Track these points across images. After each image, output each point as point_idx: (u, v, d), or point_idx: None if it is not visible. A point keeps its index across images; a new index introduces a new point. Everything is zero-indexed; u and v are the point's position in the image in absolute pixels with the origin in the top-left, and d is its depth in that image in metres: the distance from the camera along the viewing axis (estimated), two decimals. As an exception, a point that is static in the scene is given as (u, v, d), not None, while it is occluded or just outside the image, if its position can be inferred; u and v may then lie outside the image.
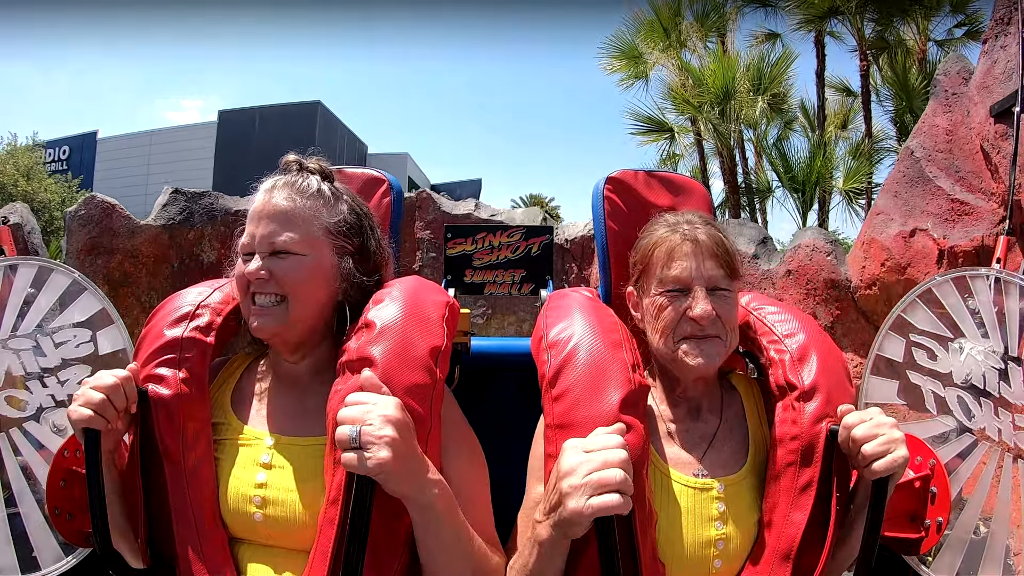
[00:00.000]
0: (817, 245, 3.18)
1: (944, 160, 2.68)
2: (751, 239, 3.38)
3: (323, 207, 1.16)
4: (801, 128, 10.42)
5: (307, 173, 1.19)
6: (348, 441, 0.91)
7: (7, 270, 1.66)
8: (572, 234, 3.59)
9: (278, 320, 1.12)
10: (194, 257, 3.38)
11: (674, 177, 1.45)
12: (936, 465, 1.35)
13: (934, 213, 2.71)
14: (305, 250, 1.12)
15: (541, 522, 0.97)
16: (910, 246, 2.79)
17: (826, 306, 3.11)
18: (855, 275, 3.03)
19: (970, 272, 1.56)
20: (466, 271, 2.18)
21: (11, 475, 1.58)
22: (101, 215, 3.25)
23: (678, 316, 1.13)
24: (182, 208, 3.38)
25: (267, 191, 1.15)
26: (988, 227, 2.57)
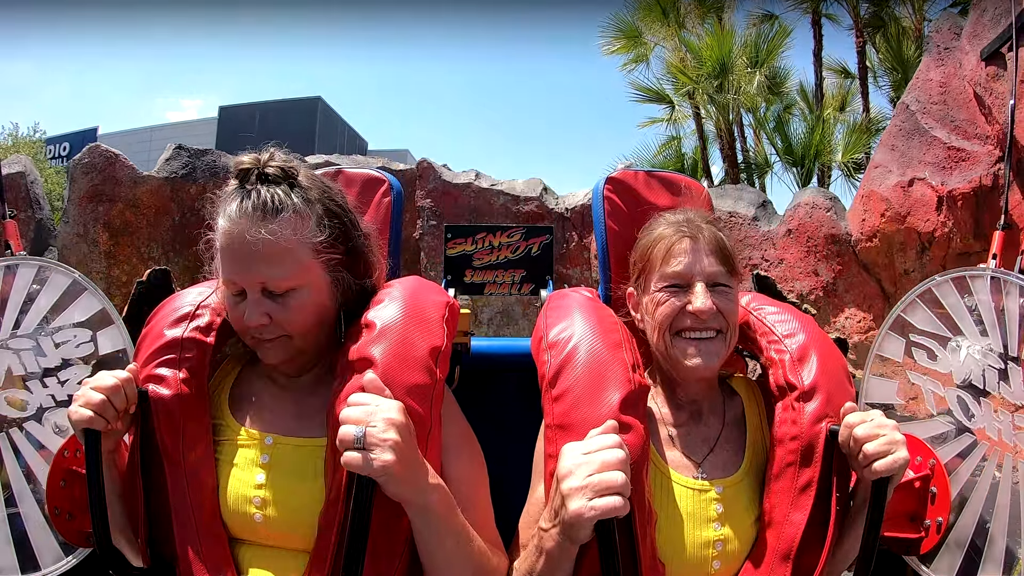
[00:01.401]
0: (816, 202, 3.18)
1: (939, 111, 2.72)
2: (751, 202, 3.39)
3: (303, 225, 1.07)
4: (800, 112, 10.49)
5: (270, 184, 1.07)
6: (352, 441, 0.91)
7: (7, 270, 1.66)
8: (572, 203, 3.60)
9: (286, 352, 1.11)
10: (195, 212, 3.40)
11: (674, 177, 1.45)
12: (936, 465, 1.35)
13: (931, 162, 2.74)
14: (299, 282, 1.07)
15: (547, 530, 0.96)
16: (909, 195, 2.81)
17: (827, 262, 3.12)
18: (855, 229, 3.04)
19: (970, 272, 1.56)
20: (466, 271, 2.18)
21: (11, 475, 1.58)
22: (104, 164, 3.27)
23: (676, 309, 1.13)
24: (185, 163, 3.40)
25: (234, 220, 1.05)
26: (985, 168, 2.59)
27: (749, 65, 9.42)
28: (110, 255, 3.30)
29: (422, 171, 3.58)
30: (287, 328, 1.08)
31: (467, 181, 3.61)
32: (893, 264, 3.00)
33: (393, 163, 3.85)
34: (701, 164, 10.70)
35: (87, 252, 3.28)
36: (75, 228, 3.26)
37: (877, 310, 3.11)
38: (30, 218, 3.27)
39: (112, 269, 3.31)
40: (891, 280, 3.05)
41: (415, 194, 3.57)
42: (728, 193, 3.58)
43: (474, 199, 3.59)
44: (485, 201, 3.60)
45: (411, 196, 3.56)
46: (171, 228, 3.36)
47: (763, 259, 3.24)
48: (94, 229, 3.26)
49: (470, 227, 2.24)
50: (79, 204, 3.25)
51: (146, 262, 3.27)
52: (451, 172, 3.66)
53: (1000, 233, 1.69)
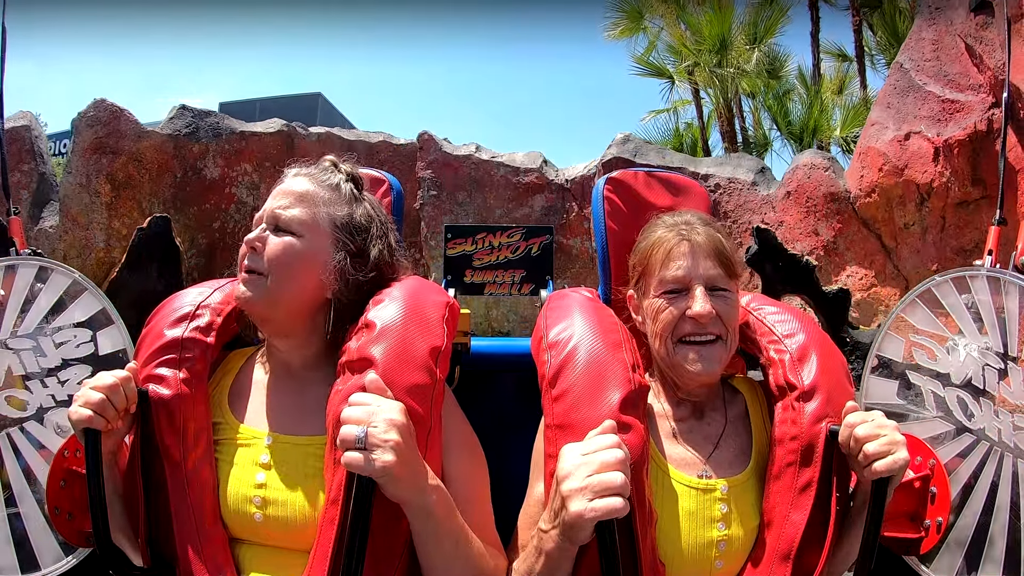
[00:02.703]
0: (815, 163, 3.21)
1: (932, 68, 2.77)
2: (750, 169, 3.42)
3: (336, 200, 1.19)
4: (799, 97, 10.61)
5: (336, 171, 1.23)
6: (353, 441, 0.90)
7: (7, 270, 1.66)
8: (572, 175, 3.63)
9: (257, 292, 1.11)
10: (197, 171, 3.42)
11: (673, 178, 1.45)
12: (936, 465, 1.35)
13: (926, 116, 2.78)
14: (303, 232, 1.14)
15: (547, 531, 0.96)
16: (906, 148, 2.85)
17: (827, 221, 3.14)
18: (853, 186, 3.06)
19: (970, 272, 1.56)
20: (466, 271, 2.18)
21: (11, 475, 1.58)
22: (109, 117, 3.31)
23: (677, 316, 1.13)
24: (188, 123, 3.44)
25: (292, 175, 1.21)
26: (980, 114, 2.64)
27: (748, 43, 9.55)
28: (111, 207, 3.32)
29: (423, 143, 3.61)
30: (268, 261, 1.12)
31: (467, 153, 3.64)
32: (893, 218, 3.02)
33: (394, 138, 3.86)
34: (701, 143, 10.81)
35: (88, 202, 3.29)
36: (78, 178, 3.29)
37: (878, 266, 3.11)
38: (33, 170, 3.30)
39: (112, 221, 3.33)
40: (891, 235, 3.06)
41: (415, 166, 3.59)
42: (727, 161, 3.62)
43: (474, 170, 3.62)
44: (485, 173, 3.62)
45: (411, 168, 3.59)
46: (173, 186, 3.39)
47: (763, 223, 3.27)
48: (96, 180, 3.29)
49: (470, 227, 2.24)
50: (83, 155, 3.28)
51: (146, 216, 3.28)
52: (451, 145, 3.69)
53: (996, 229, 1.69)
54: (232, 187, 3.52)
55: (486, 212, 3.62)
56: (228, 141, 3.44)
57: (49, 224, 3.27)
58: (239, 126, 3.52)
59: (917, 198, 2.90)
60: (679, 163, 3.58)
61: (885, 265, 3.10)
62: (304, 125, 3.72)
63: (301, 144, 3.66)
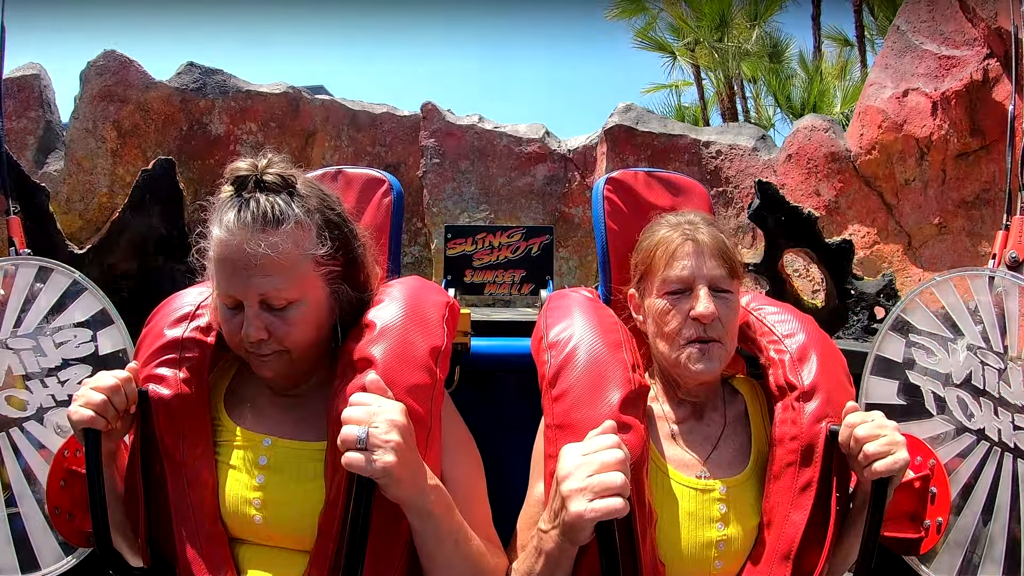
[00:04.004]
0: (815, 124, 3.25)
1: (928, 28, 2.84)
2: (751, 136, 3.48)
3: (303, 236, 1.04)
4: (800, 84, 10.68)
5: (269, 193, 1.03)
6: (355, 442, 0.90)
7: (7, 270, 1.65)
8: (574, 145, 3.67)
9: (282, 366, 1.09)
10: (203, 126, 3.47)
11: (674, 177, 1.45)
12: (936, 465, 1.35)
13: (924, 73, 2.84)
14: (300, 295, 1.04)
15: (547, 531, 0.96)
16: (904, 105, 2.91)
17: (828, 181, 3.18)
18: (854, 144, 3.10)
19: (970, 272, 1.56)
20: (466, 271, 2.18)
21: (11, 475, 1.58)
22: (118, 67, 3.39)
23: (683, 320, 1.13)
24: (196, 79, 3.52)
25: (232, 231, 1.00)
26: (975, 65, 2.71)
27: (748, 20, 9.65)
28: (116, 153, 3.37)
29: (426, 113, 3.65)
30: (285, 343, 1.05)
31: (470, 123, 3.66)
32: (893, 175, 3.06)
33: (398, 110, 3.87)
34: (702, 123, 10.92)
35: (94, 148, 3.34)
36: (84, 123, 3.34)
37: (880, 223, 3.14)
38: (40, 117, 3.36)
39: (117, 167, 3.37)
40: (892, 192, 3.10)
41: (418, 136, 3.62)
42: (728, 129, 3.68)
43: (477, 140, 3.66)
44: (488, 142, 3.66)
45: (414, 140, 3.63)
46: (178, 138, 3.43)
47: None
48: (103, 126, 3.34)
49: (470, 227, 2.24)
50: (90, 102, 3.36)
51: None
52: (454, 116, 3.71)
53: (1003, 233, 1.68)
54: (237, 144, 3.57)
55: (488, 181, 3.64)
56: (234, 99, 3.53)
57: (54, 168, 3.29)
58: (245, 85, 3.57)
59: (917, 153, 2.93)
60: (681, 131, 3.60)
61: (887, 222, 3.13)
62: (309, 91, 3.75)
63: (305, 108, 3.69)
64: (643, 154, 3.53)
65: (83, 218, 3.30)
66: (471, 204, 3.63)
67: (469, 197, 3.65)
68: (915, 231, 3.05)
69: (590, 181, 3.60)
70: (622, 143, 3.51)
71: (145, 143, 3.37)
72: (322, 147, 3.73)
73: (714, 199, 3.54)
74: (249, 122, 3.57)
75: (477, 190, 3.64)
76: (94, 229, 2.61)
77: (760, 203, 2.51)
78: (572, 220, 3.63)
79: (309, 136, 3.71)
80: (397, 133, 3.83)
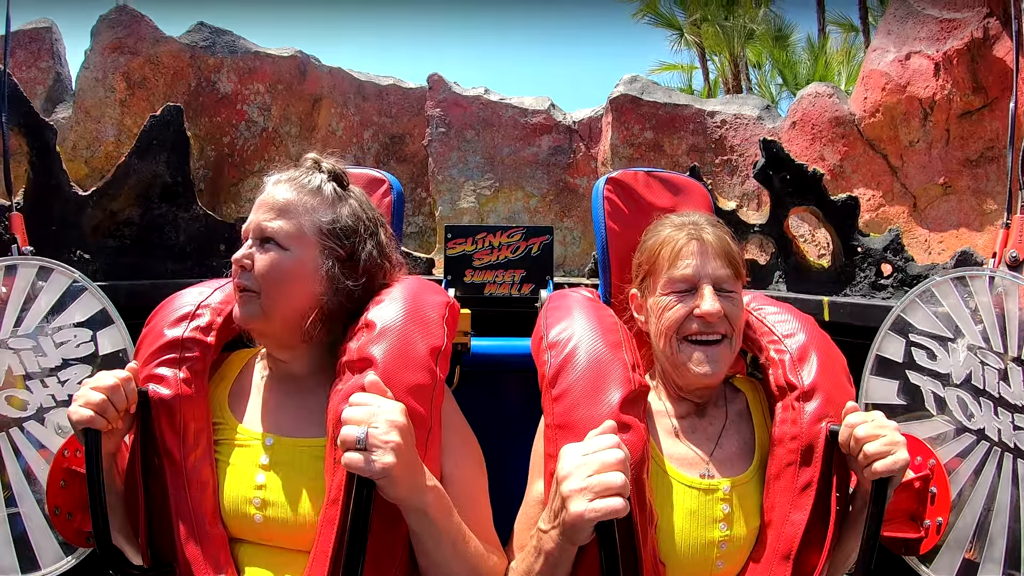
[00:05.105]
0: (819, 91, 3.26)
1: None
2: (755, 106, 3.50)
3: (320, 205, 1.16)
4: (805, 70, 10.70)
5: (317, 171, 1.20)
6: (354, 442, 0.90)
7: (7, 270, 1.66)
8: (579, 117, 3.69)
9: (252, 309, 1.12)
10: (211, 84, 3.48)
11: (673, 177, 1.45)
12: (936, 465, 1.35)
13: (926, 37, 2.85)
14: (289, 244, 1.12)
15: (547, 531, 0.96)
16: (907, 67, 2.91)
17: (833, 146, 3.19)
18: (858, 108, 3.11)
19: (970, 272, 1.56)
20: (466, 271, 2.18)
21: (11, 475, 1.58)
22: (130, 20, 3.37)
23: (684, 314, 1.13)
24: (206, 37, 3.52)
25: (273, 183, 1.18)
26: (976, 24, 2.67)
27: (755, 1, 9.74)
28: (124, 104, 3.37)
29: (432, 84, 3.67)
30: (258, 278, 1.11)
31: (476, 94, 3.68)
32: (898, 137, 3.06)
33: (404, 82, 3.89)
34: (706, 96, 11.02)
35: (103, 97, 3.35)
36: (94, 73, 3.36)
37: (886, 186, 3.13)
38: (50, 68, 3.38)
39: (125, 118, 3.37)
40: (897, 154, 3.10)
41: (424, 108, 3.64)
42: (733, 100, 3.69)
43: (483, 111, 3.67)
44: (494, 113, 3.68)
45: (420, 112, 3.65)
46: (186, 93, 3.44)
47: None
48: (112, 76, 3.35)
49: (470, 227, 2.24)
50: (101, 53, 3.34)
51: (157, 120, 3.34)
52: (460, 87, 3.73)
53: (1003, 232, 1.67)
54: (244, 104, 3.57)
55: (493, 151, 3.65)
56: (243, 59, 3.52)
57: (62, 116, 3.30)
58: (254, 47, 3.58)
59: (920, 113, 2.93)
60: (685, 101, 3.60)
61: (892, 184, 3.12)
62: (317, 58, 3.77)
63: (313, 73, 3.69)
64: (648, 124, 3.51)
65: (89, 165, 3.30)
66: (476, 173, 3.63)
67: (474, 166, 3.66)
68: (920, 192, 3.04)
69: (595, 152, 3.60)
70: (627, 113, 3.50)
71: (154, 96, 3.38)
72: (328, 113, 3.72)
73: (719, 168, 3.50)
74: (257, 83, 3.58)
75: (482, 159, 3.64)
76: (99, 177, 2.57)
77: (765, 162, 2.47)
78: (577, 190, 3.64)
79: (316, 101, 3.71)
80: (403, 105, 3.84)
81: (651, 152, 3.52)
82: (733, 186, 3.50)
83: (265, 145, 3.63)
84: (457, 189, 3.64)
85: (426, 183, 3.74)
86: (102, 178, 2.36)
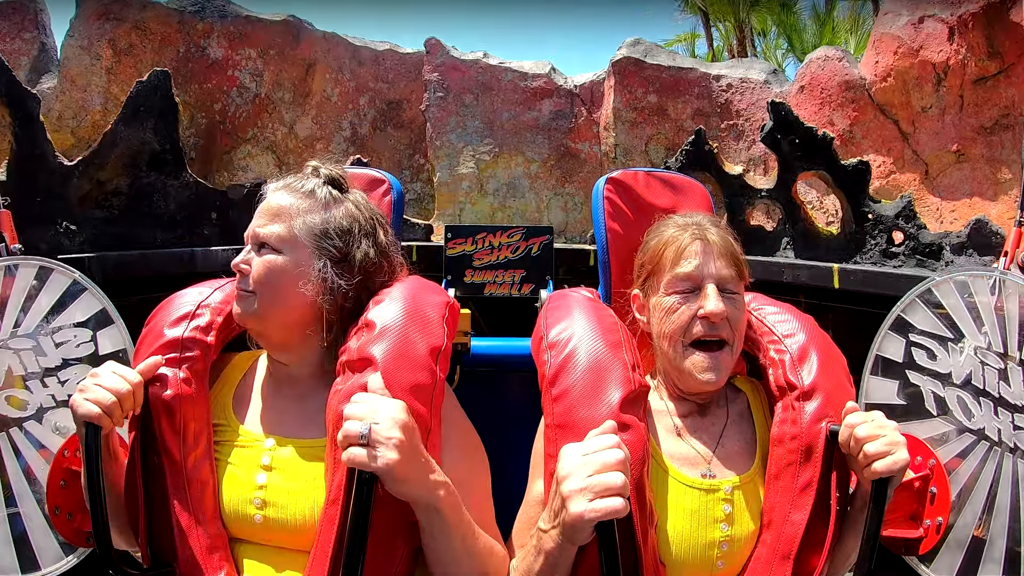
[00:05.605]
0: (828, 54, 3.14)
1: None
2: (762, 70, 3.40)
3: (312, 207, 1.17)
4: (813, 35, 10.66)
5: (314, 176, 1.22)
6: (357, 437, 0.90)
7: (7, 270, 1.66)
8: (580, 81, 3.62)
9: (248, 308, 1.13)
10: (201, 50, 3.40)
11: (673, 177, 1.45)
12: (936, 465, 1.35)
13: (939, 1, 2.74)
14: (282, 246, 1.14)
15: (547, 531, 0.96)
16: (920, 31, 2.81)
17: (842, 110, 3.07)
18: (868, 72, 3.00)
19: (970, 272, 1.56)
20: (466, 271, 2.18)
21: (11, 475, 1.58)
22: None
23: (689, 317, 1.13)
24: (195, 2, 3.44)
25: (272, 191, 1.20)
26: None
27: None
28: (111, 71, 3.28)
29: (430, 48, 3.60)
30: (253, 281, 1.12)
31: (475, 59, 3.62)
32: (910, 102, 2.97)
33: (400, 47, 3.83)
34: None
35: (89, 65, 3.26)
36: (79, 41, 3.27)
37: (896, 153, 3.04)
38: (35, 38, 3.30)
39: (111, 86, 3.28)
40: (908, 120, 3.01)
41: (421, 73, 3.58)
42: (739, 63, 3.58)
43: (481, 75, 3.60)
44: (493, 77, 3.60)
45: (417, 78, 3.58)
46: (175, 60, 3.37)
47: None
48: (99, 44, 3.26)
49: (470, 227, 2.24)
50: (87, 20, 3.27)
51: (144, 87, 3.27)
52: (459, 51, 3.67)
53: (1017, 230, 1.66)
54: (235, 70, 3.48)
55: (493, 115, 3.57)
56: (234, 24, 3.44)
57: (47, 86, 3.21)
58: (244, 11, 3.51)
59: (934, 78, 2.84)
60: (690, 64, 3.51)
61: (903, 151, 3.03)
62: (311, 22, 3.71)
63: (307, 37, 3.60)
64: (652, 87, 3.39)
65: (75, 135, 3.21)
66: (475, 138, 3.57)
67: (473, 131, 3.59)
68: (932, 159, 2.94)
69: (597, 116, 3.52)
70: (630, 76, 3.39)
71: (141, 63, 3.27)
72: (323, 79, 3.64)
73: (724, 132, 3.40)
74: (248, 48, 3.48)
75: (481, 124, 3.57)
76: (86, 147, 2.48)
77: (773, 125, 2.40)
78: (578, 156, 3.56)
79: (309, 67, 3.62)
80: (400, 70, 3.75)
81: (654, 116, 3.42)
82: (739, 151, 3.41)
83: (258, 112, 3.53)
84: (456, 155, 3.58)
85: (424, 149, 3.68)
86: (89, 147, 2.30)
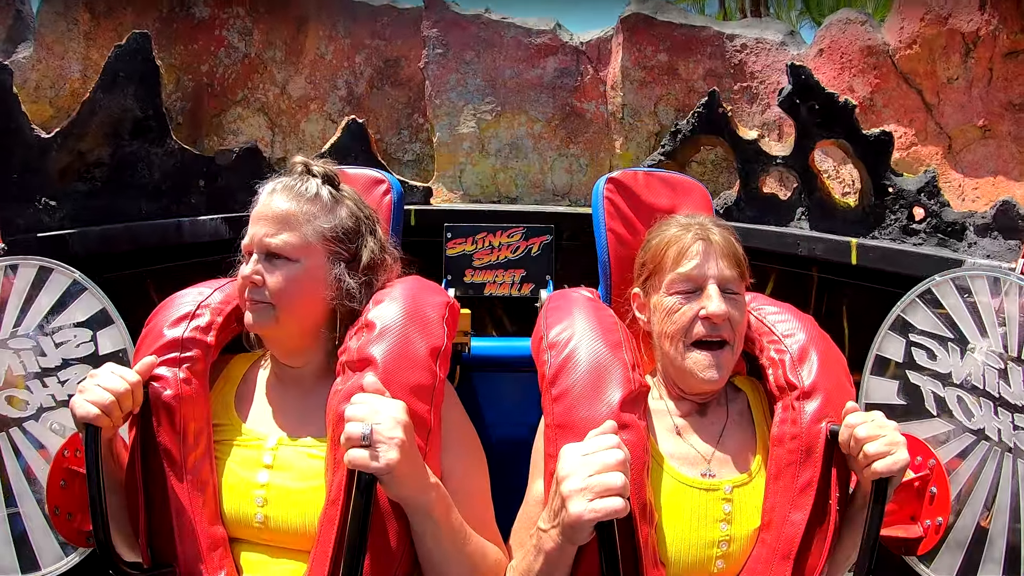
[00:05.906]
0: (850, 17, 2.94)
1: None
2: (778, 31, 3.24)
3: (320, 211, 1.16)
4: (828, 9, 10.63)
5: (310, 176, 1.20)
6: (359, 438, 0.90)
7: (7, 270, 1.66)
8: (587, 38, 3.49)
9: (267, 318, 1.12)
10: (185, 9, 3.20)
11: (673, 178, 1.45)
12: (936, 465, 1.35)
13: None
14: (298, 255, 1.12)
15: (547, 531, 0.96)
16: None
17: (863, 76, 2.89)
18: (892, 38, 2.83)
19: (970, 272, 1.56)
20: (466, 271, 2.18)
21: (11, 475, 1.58)
22: None
23: (691, 318, 1.13)
24: None
25: (268, 193, 1.17)
26: None
27: None
28: (89, 36, 3.09)
29: (428, 3, 3.50)
30: (273, 294, 1.10)
31: (476, 14, 3.51)
32: (935, 72, 2.83)
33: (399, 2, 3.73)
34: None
35: (65, 30, 3.06)
36: (55, 7, 3.10)
37: (919, 124, 2.90)
38: (9, 5, 3.10)
39: (91, 51, 3.11)
40: (933, 90, 2.88)
41: (421, 24, 3.48)
42: (755, 23, 3.43)
43: (483, 30, 3.47)
44: (495, 33, 3.47)
45: (415, 34, 3.47)
46: (158, 21, 3.20)
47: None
48: (75, 8, 3.07)
49: (470, 227, 2.24)
50: None
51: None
52: (459, 7, 3.57)
53: None
54: (223, 29, 3.31)
55: (495, 73, 3.46)
56: None
57: (23, 56, 3.09)
58: None
59: (962, 48, 2.70)
60: (703, 23, 3.40)
61: (926, 122, 2.88)
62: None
63: None
64: (662, 45, 3.22)
65: (54, 106, 3.08)
66: (476, 97, 3.44)
67: (474, 89, 3.46)
68: (956, 133, 2.81)
69: (604, 75, 3.39)
70: (639, 33, 3.23)
71: (122, 26, 3.11)
72: (316, 36, 3.52)
73: (737, 95, 3.27)
74: (236, 5, 3.32)
75: (483, 82, 3.45)
76: (65, 117, 2.39)
77: (792, 89, 2.28)
78: (584, 115, 3.43)
79: (301, 24, 3.46)
80: (397, 27, 3.62)
81: (664, 76, 3.27)
82: (753, 115, 3.29)
83: (248, 72, 3.36)
84: (456, 113, 3.48)
85: (423, 108, 3.60)
86: (68, 118, 2.22)
